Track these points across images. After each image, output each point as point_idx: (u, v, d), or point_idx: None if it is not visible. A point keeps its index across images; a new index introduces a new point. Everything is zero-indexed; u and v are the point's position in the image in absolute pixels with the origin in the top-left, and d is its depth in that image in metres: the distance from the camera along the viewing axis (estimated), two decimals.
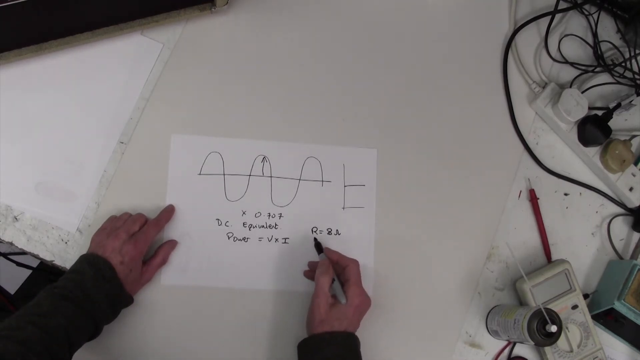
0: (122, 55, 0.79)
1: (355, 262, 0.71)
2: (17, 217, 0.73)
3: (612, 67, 0.88)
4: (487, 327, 0.79)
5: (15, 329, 0.57)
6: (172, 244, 0.74)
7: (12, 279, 1.39)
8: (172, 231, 0.75)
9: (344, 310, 0.67)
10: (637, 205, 0.85)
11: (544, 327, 0.67)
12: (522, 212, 0.83)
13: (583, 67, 0.88)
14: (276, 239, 0.77)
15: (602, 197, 0.86)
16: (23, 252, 0.73)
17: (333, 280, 0.69)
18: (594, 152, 0.84)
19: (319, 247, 0.74)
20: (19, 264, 1.25)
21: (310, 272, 0.75)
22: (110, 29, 0.76)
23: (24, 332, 0.57)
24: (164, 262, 0.73)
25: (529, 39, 0.89)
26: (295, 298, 0.75)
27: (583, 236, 0.84)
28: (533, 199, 0.83)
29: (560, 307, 0.76)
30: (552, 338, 0.67)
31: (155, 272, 0.72)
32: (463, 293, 0.79)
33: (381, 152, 0.82)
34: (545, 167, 0.85)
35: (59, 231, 0.73)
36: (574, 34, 0.90)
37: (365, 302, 0.69)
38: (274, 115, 0.80)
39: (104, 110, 0.77)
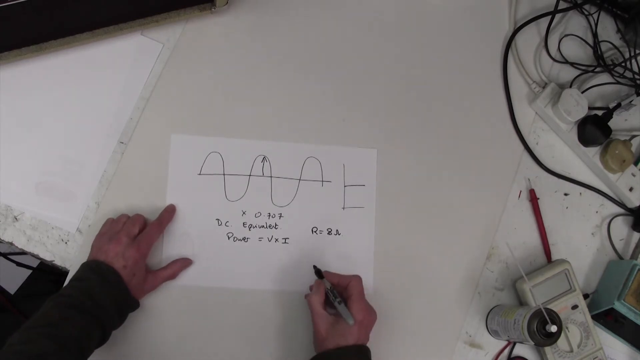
0: (122, 55, 0.79)
1: (356, 278, 0.69)
2: (17, 217, 0.73)
3: (612, 67, 0.88)
4: (487, 327, 0.79)
5: (27, 343, 0.56)
6: (186, 263, 0.73)
7: (12, 279, 1.39)
8: (172, 231, 0.75)
9: (347, 327, 0.65)
10: (637, 205, 0.85)
11: (544, 327, 0.67)
12: (522, 212, 0.83)
13: (583, 67, 0.88)
14: (276, 239, 0.77)
15: (602, 197, 0.86)
16: (23, 252, 0.73)
17: (336, 299, 0.67)
18: (594, 152, 0.84)
19: (319, 273, 0.72)
20: (19, 264, 1.26)
21: None
22: (110, 29, 0.76)
23: (37, 346, 0.56)
24: (172, 277, 0.72)
25: (529, 39, 0.89)
26: (295, 298, 0.75)
27: (583, 236, 0.84)
28: (533, 199, 0.83)
29: (560, 307, 0.76)
30: (552, 338, 0.67)
31: (160, 283, 0.72)
32: (463, 293, 0.79)
33: (381, 152, 0.82)
34: (545, 167, 0.85)
35: (59, 231, 0.73)
36: (574, 34, 0.90)
37: (368, 317, 0.67)
38: (274, 115, 0.80)
39: (104, 110, 0.77)
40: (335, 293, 0.68)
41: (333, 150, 0.80)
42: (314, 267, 0.72)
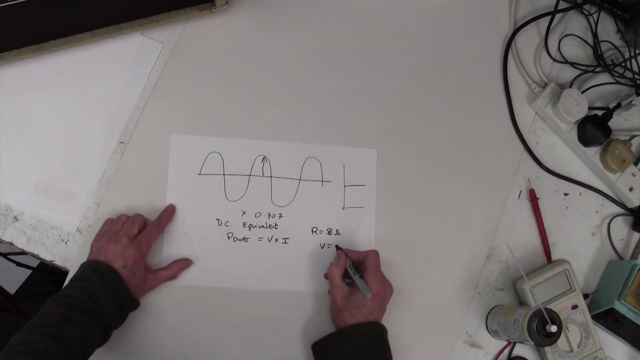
0: (122, 55, 0.79)
1: (373, 253, 0.71)
2: (17, 217, 0.73)
3: (612, 67, 0.88)
4: (487, 327, 0.79)
5: (30, 343, 0.56)
6: (187, 263, 0.73)
7: (12, 279, 1.39)
8: (172, 231, 0.75)
9: (362, 298, 0.67)
10: (637, 205, 0.85)
11: (544, 327, 0.67)
12: (522, 212, 0.83)
13: (583, 67, 0.88)
14: (276, 239, 0.77)
15: (602, 197, 0.86)
16: (23, 252, 0.73)
17: (357, 274, 0.69)
18: (594, 152, 0.84)
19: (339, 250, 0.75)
20: (19, 264, 1.26)
21: None
22: (110, 29, 0.76)
23: (40, 345, 0.56)
24: (172, 277, 0.72)
25: (529, 39, 0.89)
26: (295, 298, 0.75)
27: (583, 236, 0.84)
28: (533, 199, 0.83)
29: (560, 307, 0.76)
30: (552, 338, 0.67)
31: (160, 283, 0.72)
32: (463, 293, 0.79)
33: (381, 152, 0.82)
34: (545, 167, 0.85)
35: (59, 231, 0.73)
36: (574, 34, 0.90)
37: (383, 290, 0.69)
38: (274, 115, 0.80)
39: (104, 110, 0.77)
40: (355, 268, 0.70)
41: (333, 150, 0.80)
42: (336, 246, 0.75)
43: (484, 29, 0.89)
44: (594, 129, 0.82)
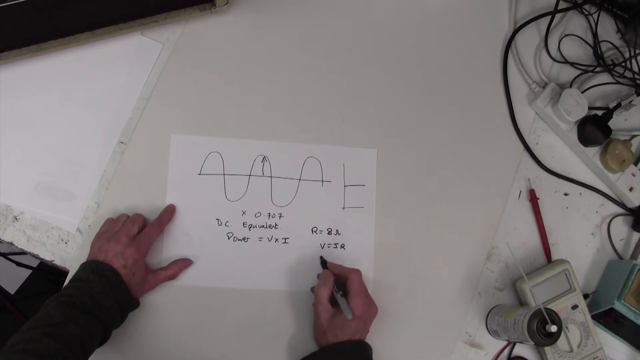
0: (122, 55, 0.79)
1: (356, 272, 0.70)
2: (17, 217, 0.73)
3: (612, 67, 0.88)
4: (487, 327, 0.79)
5: (30, 342, 0.56)
6: (187, 263, 0.74)
7: (12, 279, 1.39)
8: (172, 231, 0.75)
9: (346, 320, 0.66)
10: (637, 205, 0.85)
11: (544, 327, 0.67)
12: (522, 212, 0.83)
13: (583, 67, 0.88)
14: (276, 239, 0.77)
15: (602, 197, 0.86)
16: (23, 252, 0.73)
17: (339, 292, 0.68)
18: (594, 152, 0.84)
19: (324, 264, 0.74)
20: (19, 264, 1.26)
21: None
22: (110, 29, 0.76)
23: (40, 345, 0.56)
24: (173, 277, 0.72)
25: (529, 39, 0.89)
26: (295, 298, 0.75)
27: (583, 236, 0.84)
28: (533, 199, 0.83)
29: (560, 307, 0.76)
30: (552, 338, 0.67)
31: (160, 283, 0.72)
32: (463, 293, 0.79)
33: (381, 152, 0.82)
34: (545, 167, 0.85)
35: (59, 231, 0.73)
36: (574, 34, 0.90)
37: (368, 312, 0.68)
38: (274, 115, 0.80)
39: (104, 110, 0.77)
40: (338, 285, 0.69)
41: (333, 150, 0.80)
42: (321, 257, 0.74)
43: (484, 29, 0.89)
44: (594, 129, 0.82)
